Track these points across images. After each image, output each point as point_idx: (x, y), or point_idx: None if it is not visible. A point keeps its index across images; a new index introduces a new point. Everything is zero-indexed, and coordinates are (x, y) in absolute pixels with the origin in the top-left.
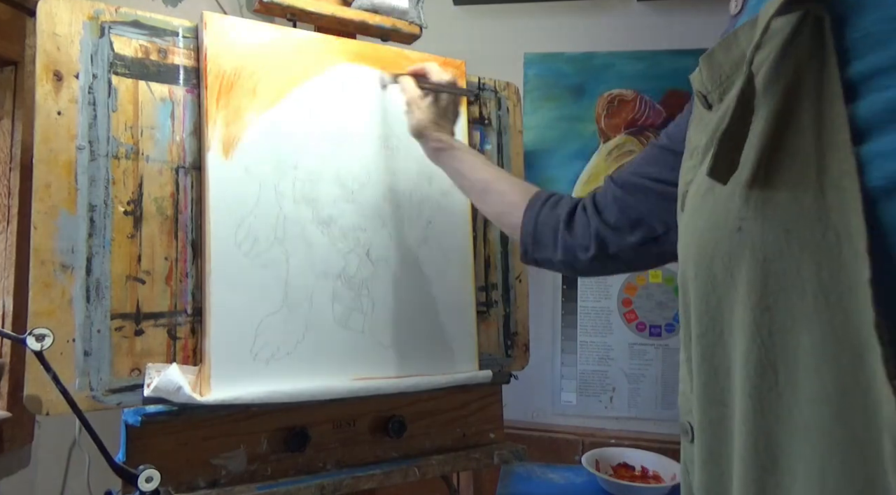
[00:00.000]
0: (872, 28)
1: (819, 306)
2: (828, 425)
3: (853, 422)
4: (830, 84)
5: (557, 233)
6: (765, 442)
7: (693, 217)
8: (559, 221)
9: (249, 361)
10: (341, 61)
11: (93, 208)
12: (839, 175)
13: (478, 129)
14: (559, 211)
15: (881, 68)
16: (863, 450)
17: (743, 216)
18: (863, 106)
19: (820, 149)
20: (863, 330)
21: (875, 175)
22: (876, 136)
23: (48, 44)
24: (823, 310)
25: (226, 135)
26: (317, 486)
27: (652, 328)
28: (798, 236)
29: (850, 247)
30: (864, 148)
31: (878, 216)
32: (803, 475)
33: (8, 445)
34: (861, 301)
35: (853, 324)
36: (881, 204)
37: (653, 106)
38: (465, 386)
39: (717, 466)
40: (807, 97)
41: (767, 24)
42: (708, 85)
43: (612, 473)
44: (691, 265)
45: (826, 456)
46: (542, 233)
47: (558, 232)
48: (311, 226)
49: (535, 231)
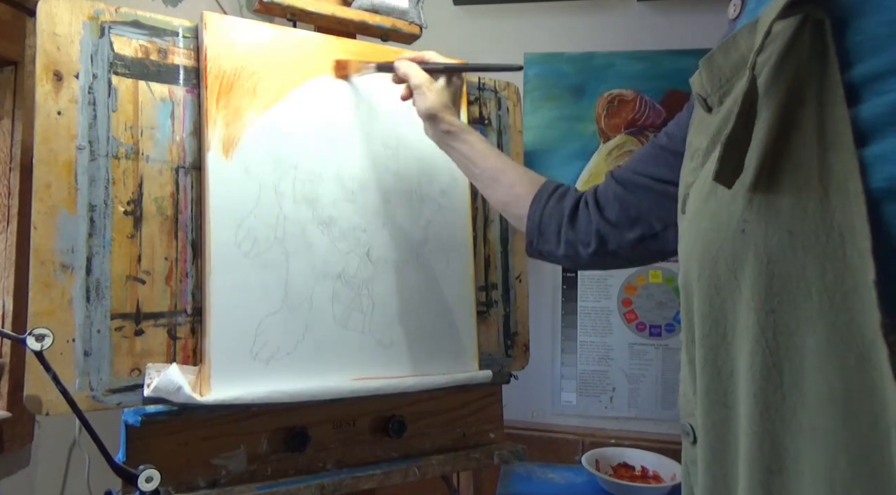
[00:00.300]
0: (873, 31)
1: (824, 307)
2: (834, 426)
3: (860, 423)
4: (832, 87)
5: (561, 228)
6: (770, 443)
7: (696, 219)
8: (563, 215)
9: (249, 361)
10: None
11: (93, 208)
12: (843, 177)
13: (478, 129)
14: (564, 204)
15: (882, 71)
16: (870, 451)
17: (746, 218)
18: (864, 109)
19: (822, 151)
20: (868, 330)
21: (878, 177)
22: (878, 139)
23: (48, 44)
24: (828, 311)
25: (226, 136)
26: (317, 486)
27: (652, 328)
28: (802, 238)
29: (854, 249)
30: (867, 150)
31: (881, 217)
32: (810, 476)
33: (8, 445)
34: (866, 302)
35: (858, 325)
36: (884, 205)
37: (653, 106)
38: (465, 386)
39: (720, 468)
40: (809, 100)
41: (769, 27)
42: (707, 88)
43: (612, 473)
44: (695, 267)
45: (833, 458)
46: (547, 225)
47: (562, 226)
48: (311, 227)
49: (540, 223)
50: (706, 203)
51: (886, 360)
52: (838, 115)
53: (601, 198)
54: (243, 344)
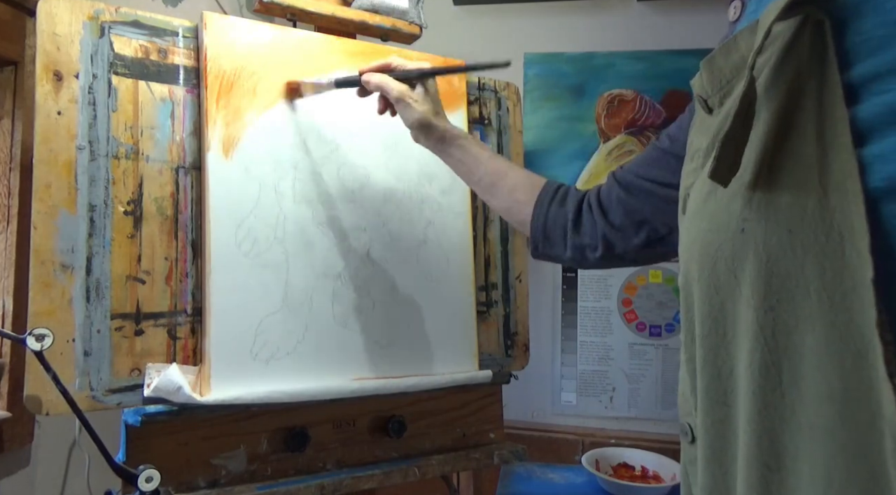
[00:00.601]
0: (872, 32)
1: (823, 306)
2: (832, 424)
3: (857, 421)
4: (831, 87)
5: (566, 233)
6: (769, 441)
7: (695, 219)
8: (567, 220)
9: (249, 361)
10: (342, 62)
11: (93, 208)
12: (841, 177)
13: (478, 129)
14: (567, 208)
15: (881, 72)
16: (867, 450)
17: (746, 217)
18: (863, 109)
19: (822, 151)
20: (866, 329)
21: (876, 176)
22: (877, 139)
23: (48, 44)
24: (827, 309)
25: (226, 136)
26: (317, 486)
27: (652, 328)
28: (801, 237)
29: (853, 248)
30: (865, 150)
31: (880, 217)
32: (808, 474)
33: (8, 445)
34: (864, 300)
35: (856, 324)
36: (882, 205)
37: (653, 106)
38: (465, 386)
39: (720, 467)
40: (808, 100)
41: (769, 28)
42: (708, 89)
43: (612, 473)
44: (695, 267)
45: (831, 456)
46: (552, 230)
47: (567, 231)
48: (311, 226)
49: (544, 228)
50: (706, 203)
51: (881, 358)
52: (837, 115)
53: (605, 202)
54: (243, 344)
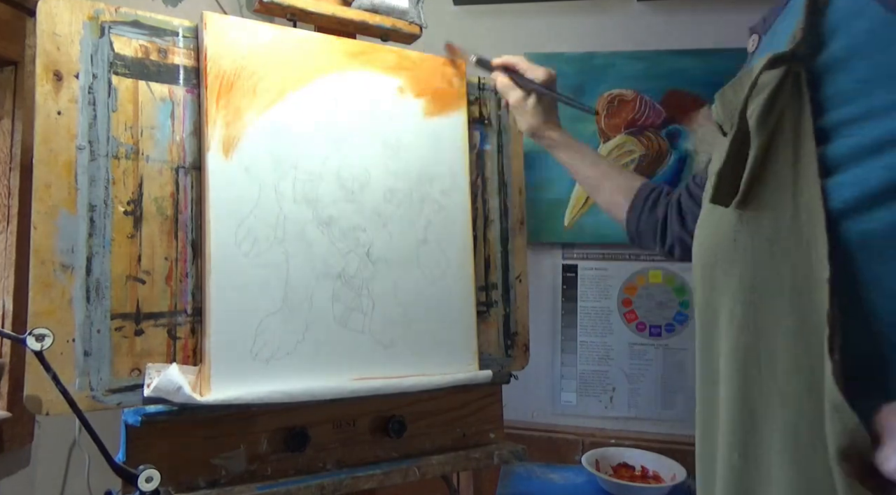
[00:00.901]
0: (843, 87)
1: (794, 300)
2: (800, 391)
3: (820, 389)
4: (805, 129)
5: (656, 236)
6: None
7: (702, 228)
8: (656, 226)
9: (249, 361)
10: (342, 62)
11: (93, 208)
12: (809, 199)
13: (478, 129)
14: (657, 214)
15: (848, 120)
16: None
17: (737, 230)
18: (831, 148)
19: (795, 178)
20: (823, 317)
21: (837, 200)
22: (841, 171)
23: (48, 44)
24: (797, 303)
25: (226, 136)
26: (317, 486)
27: (652, 328)
28: (780, 246)
29: (816, 254)
30: (831, 179)
31: (838, 231)
32: (780, 435)
33: (8, 445)
34: (823, 295)
35: (818, 313)
36: (840, 222)
37: (653, 106)
38: (465, 386)
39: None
40: (786, 138)
41: (756, 78)
42: (721, 116)
43: (612, 473)
44: (698, 268)
45: (798, 413)
46: (644, 233)
47: (656, 235)
48: (311, 227)
49: (637, 230)
50: (710, 215)
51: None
52: (808, 150)
53: (684, 208)
54: (243, 344)
